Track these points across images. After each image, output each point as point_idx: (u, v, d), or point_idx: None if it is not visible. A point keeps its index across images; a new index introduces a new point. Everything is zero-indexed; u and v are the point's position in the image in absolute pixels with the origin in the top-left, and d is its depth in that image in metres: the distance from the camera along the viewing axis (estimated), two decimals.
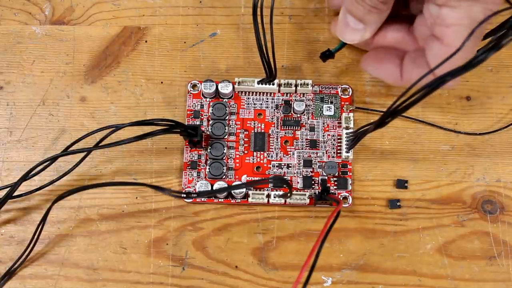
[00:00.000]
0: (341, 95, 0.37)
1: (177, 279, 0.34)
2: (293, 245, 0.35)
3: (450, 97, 0.37)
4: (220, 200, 0.35)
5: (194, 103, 0.37)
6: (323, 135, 0.36)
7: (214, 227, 0.35)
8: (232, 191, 0.34)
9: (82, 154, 0.34)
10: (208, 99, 0.37)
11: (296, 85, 0.36)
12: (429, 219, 0.35)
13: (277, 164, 0.36)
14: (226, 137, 0.36)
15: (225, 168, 0.35)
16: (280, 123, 0.36)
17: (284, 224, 0.35)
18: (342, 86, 0.37)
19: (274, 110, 0.36)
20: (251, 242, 0.35)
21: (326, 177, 0.35)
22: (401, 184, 0.36)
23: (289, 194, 0.33)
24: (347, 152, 0.35)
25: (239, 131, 0.36)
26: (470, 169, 0.36)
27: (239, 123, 0.36)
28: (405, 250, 0.35)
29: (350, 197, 0.35)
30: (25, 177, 0.33)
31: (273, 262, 0.35)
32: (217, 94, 0.37)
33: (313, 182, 0.35)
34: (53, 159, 0.33)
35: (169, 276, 0.34)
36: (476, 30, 0.23)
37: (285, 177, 0.35)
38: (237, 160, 0.36)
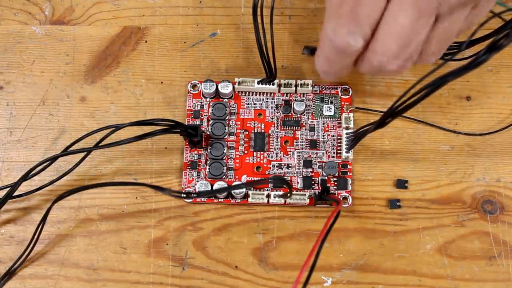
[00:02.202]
0: (341, 95, 0.37)
1: (177, 279, 0.34)
2: (293, 245, 0.35)
3: (450, 97, 0.37)
4: (220, 200, 0.35)
5: (194, 103, 0.37)
6: (323, 135, 0.36)
7: (214, 227, 0.35)
8: (232, 191, 0.34)
9: (82, 154, 0.34)
10: (208, 99, 0.37)
11: (296, 85, 0.36)
12: (429, 219, 0.35)
13: (277, 164, 0.36)
14: (226, 137, 0.36)
15: (225, 168, 0.35)
16: (280, 123, 0.36)
17: (284, 224, 0.35)
18: (342, 86, 0.37)
19: (274, 110, 0.36)
20: (251, 242, 0.35)
21: (326, 177, 0.35)
22: (401, 184, 0.36)
23: (289, 194, 0.33)
24: (347, 152, 0.35)
25: (239, 131, 0.36)
26: (470, 169, 0.36)
27: (239, 123, 0.36)
28: (405, 250, 0.35)
29: (350, 197, 0.35)
30: (25, 177, 0.33)
31: (273, 262, 0.35)
32: (217, 94, 0.37)
33: (313, 182, 0.35)
34: (53, 159, 0.33)
35: (169, 276, 0.34)
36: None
37: (285, 177, 0.35)
38: (237, 160, 0.36)
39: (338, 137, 0.36)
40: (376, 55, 0.27)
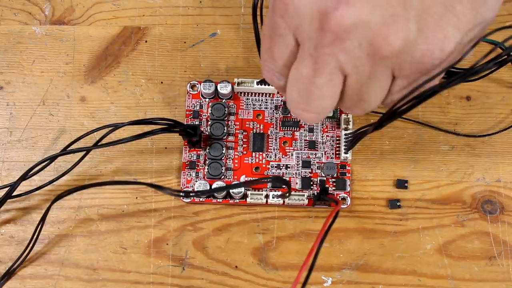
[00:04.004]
0: None
1: (177, 279, 0.34)
2: (293, 245, 0.35)
3: (450, 97, 0.37)
4: (218, 200, 0.35)
5: (194, 104, 0.37)
6: (322, 136, 0.36)
7: (214, 227, 0.35)
8: (231, 191, 0.34)
9: (82, 154, 0.34)
10: (207, 100, 0.37)
11: None
12: (429, 219, 0.35)
13: (275, 165, 0.36)
14: (225, 137, 0.36)
15: (223, 168, 0.35)
16: (279, 123, 0.36)
17: (284, 224, 0.35)
18: None
19: (273, 110, 0.36)
20: (251, 242, 0.35)
21: (325, 178, 0.35)
22: (401, 184, 0.36)
23: (287, 194, 0.33)
24: (345, 153, 0.35)
25: (238, 131, 0.36)
26: (470, 169, 0.36)
27: (238, 123, 0.36)
28: (405, 250, 0.35)
29: (348, 198, 0.35)
30: (25, 176, 0.33)
31: (273, 262, 0.35)
32: (216, 95, 0.37)
33: (311, 183, 0.35)
34: (53, 158, 0.33)
35: (169, 276, 0.34)
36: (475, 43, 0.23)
37: (284, 177, 0.35)
38: (236, 161, 0.36)
39: (337, 138, 0.36)
40: (287, 101, 0.26)
